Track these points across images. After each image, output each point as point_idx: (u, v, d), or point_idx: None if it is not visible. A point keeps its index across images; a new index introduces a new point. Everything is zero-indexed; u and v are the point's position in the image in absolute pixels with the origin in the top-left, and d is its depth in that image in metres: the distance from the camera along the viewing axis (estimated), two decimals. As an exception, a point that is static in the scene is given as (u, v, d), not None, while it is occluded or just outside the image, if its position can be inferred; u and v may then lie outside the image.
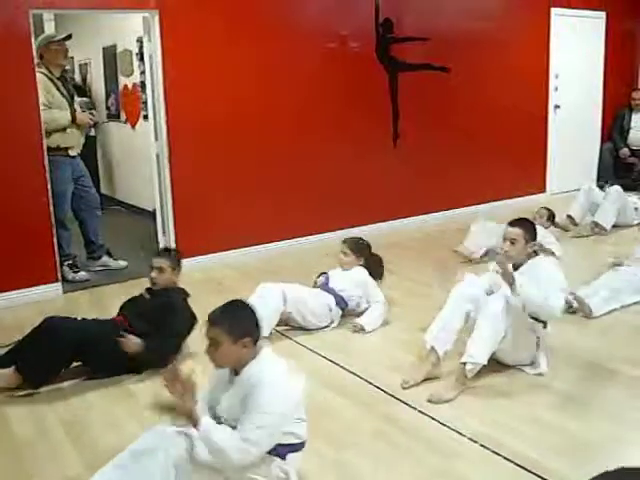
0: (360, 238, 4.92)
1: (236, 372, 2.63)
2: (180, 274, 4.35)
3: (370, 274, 4.72)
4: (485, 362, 3.55)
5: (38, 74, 5.40)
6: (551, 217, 6.48)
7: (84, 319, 4.10)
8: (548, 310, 3.64)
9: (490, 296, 3.76)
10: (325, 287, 4.65)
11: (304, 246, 6.60)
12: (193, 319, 4.13)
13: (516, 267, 3.80)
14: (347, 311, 4.67)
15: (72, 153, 5.75)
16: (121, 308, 4.23)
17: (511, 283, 3.57)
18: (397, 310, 4.87)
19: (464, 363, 3.54)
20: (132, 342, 3.80)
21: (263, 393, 2.48)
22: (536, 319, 3.75)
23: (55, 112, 5.57)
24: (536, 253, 3.94)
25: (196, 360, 3.91)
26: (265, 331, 4.25)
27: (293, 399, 2.60)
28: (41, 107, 5.43)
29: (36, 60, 5.35)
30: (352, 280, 4.65)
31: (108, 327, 3.97)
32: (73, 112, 5.62)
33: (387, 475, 2.89)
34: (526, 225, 3.91)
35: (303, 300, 4.44)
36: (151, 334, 3.88)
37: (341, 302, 4.59)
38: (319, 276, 4.86)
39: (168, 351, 3.91)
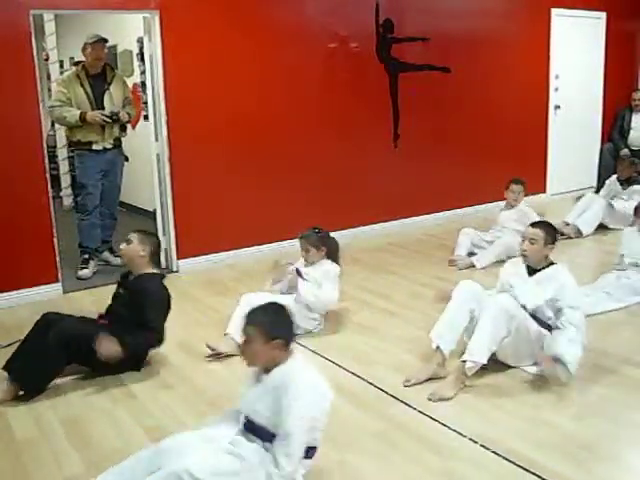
0: (316, 228, 4.67)
1: (266, 370, 2.68)
2: (151, 259, 4.13)
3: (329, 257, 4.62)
4: (484, 362, 3.56)
5: (66, 72, 5.93)
6: (525, 188, 6.44)
7: (79, 318, 4.01)
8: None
9: (494, 296, 3.79)
10: (299, 273, 4.49)
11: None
12: (168, 301, 4.06)
13: (534, 270, 3.88)
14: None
15: (95, 147, 5.82)
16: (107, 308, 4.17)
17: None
18: (398, 310, 4.88)
19: (464, 361, 3.55)
20: (110, 348, 3.68)
21: (296, 391, 2.55)
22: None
23: (64, 110, 5.66)
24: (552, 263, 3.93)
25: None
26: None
27: (324, 404, 2.68)
28: (55, 104, 5.70)
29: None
30: (319, 270, 4.52)
31: (94, 326, 3.90)
32: (83, 112, 5.65)
33: (388, 476, 2.89)
34: (546, 227, 3.92)
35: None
36: (131, 331, 3.82)
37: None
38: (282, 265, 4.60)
39: (150, 344, 3.96)
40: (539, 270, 3.87)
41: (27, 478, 2.96)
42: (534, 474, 2.86)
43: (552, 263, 3.90)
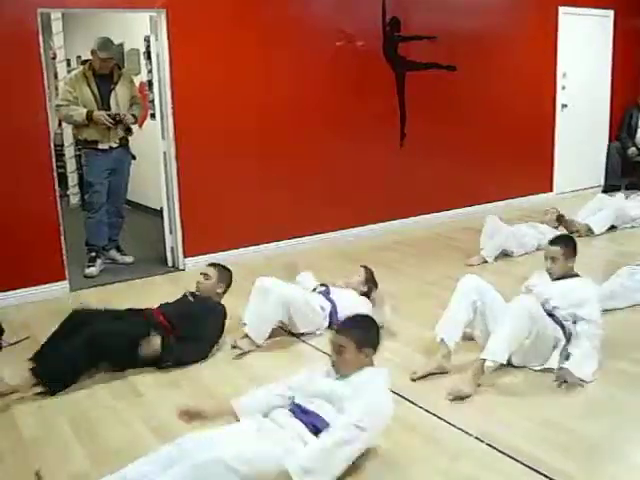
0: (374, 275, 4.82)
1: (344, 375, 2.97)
2: (224, 293, 4.48)
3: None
4: (504, 361, 3.58)
5: (73, 71, 6.11)
6: (560, 218, 6.65)
7: (114, 313, 4.14)
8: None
9: (520, 296, 3.84)
10: (325, 296, 4.58)
11: (310, 245, 6.60)
12: (222, 331, 4.29)
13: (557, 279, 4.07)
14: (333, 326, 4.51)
15: (101, 147, 5.85)
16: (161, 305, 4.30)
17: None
18: (404, 307, 4.87)
19: (483, 359, 3.56)
20: (152, 347, 3.93)
21: (376, 393, 2.82)
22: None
23: (71, 109, 5.69)
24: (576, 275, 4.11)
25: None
26: (259, 340, 4.25)
27: (388, 416, 2.87)
28: (61, 103, 5.74)
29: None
30: (352, 300, 4.57)
31: (137, 321, 4.04)
32: (90, 111, 5.67)
33: (394, 475, 2.89)
34: (565, 243, 4.11)
35: (299, 307, 4.34)
36: (187, 336, 4.04)
37: (334, 316, 4.49)
38: (317, 287, 4.74)
39: (198, 356, 4.09)
40: (562, 278, 4.02)
41: (33, 475, 2.97)
42: (540, 473, 2.85)
43: (576, 275, 4.06)
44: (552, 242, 4.17)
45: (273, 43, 6.23)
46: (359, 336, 2.96)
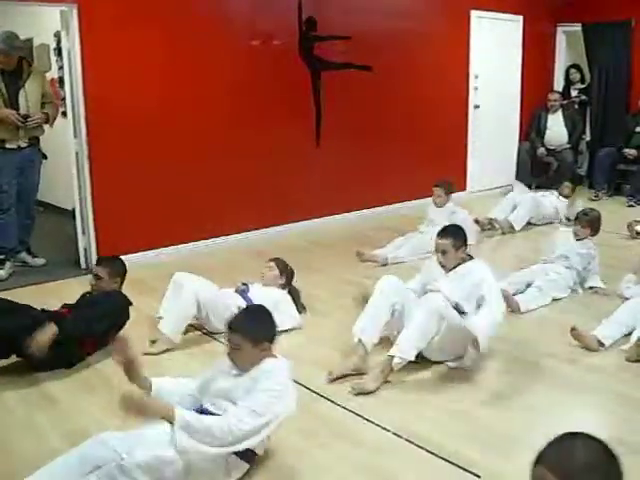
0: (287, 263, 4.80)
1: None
2: (123, 282, 4.35)
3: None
4: (412, 358, 3.62)
5: None
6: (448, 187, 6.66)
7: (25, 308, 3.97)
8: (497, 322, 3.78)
9: (428, 294, 3.82)
10: (243, 294, 4.54)
11: (227, 245, 6.56)
12: (126, 310, 4.18)
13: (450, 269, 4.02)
14: None
15: (9, 146, 5.60)
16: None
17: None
18: (322, 308, 4.89)
19: (391, 356, 3.60)
20: (43, 336, 3.63)
21: (275, 381, 2.73)
22: None
23: None
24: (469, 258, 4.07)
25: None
26: (175, 336, 4.20)
27: (290, 404, 2.80)
28: None
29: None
30: (270, 297, 4.49)
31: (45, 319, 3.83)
32: None
33: (313, 473, 2.90)
34: (452, 234, 4.02)
35: (214, 305, 4.33)
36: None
37: None
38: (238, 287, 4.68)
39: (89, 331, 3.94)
40: (453, 268, 4.00)
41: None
42: (458, 466, 2.91)
43: (469, 258, 4.04)
44: (439, 235, 4.06)
45: (190, 40, 6.15)
46: (253, 332, 2.79)
